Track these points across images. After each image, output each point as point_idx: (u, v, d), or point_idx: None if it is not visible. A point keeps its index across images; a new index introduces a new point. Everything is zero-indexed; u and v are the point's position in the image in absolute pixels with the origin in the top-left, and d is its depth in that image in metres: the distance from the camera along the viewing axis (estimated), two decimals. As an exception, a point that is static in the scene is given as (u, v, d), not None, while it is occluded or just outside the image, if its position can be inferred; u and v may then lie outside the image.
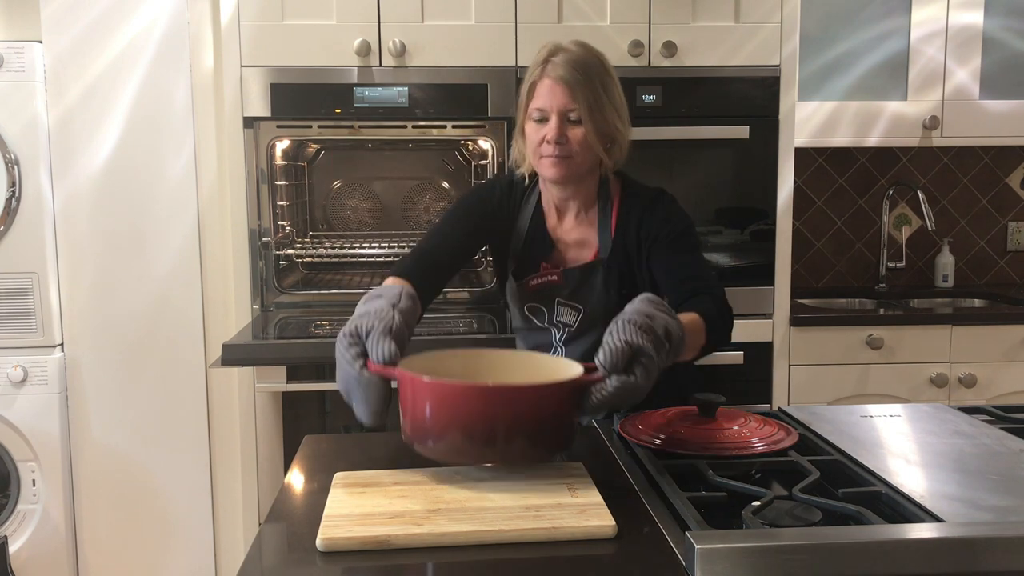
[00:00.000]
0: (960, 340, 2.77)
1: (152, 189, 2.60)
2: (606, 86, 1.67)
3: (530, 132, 1.68)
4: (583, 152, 1.66)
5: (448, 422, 1.19)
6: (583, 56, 1.66)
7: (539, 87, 1.66)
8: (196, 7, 2.57)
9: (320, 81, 2.53)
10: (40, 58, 2.52)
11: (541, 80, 1.65)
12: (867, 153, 3.33)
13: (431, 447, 1.21)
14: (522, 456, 1.24)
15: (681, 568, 0.98)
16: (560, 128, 1.64)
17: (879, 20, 2.97)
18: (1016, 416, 1.48)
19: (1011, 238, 3.43)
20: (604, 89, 1.66)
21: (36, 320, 2.56)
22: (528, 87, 1.68)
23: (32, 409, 2.56)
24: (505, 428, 1.18)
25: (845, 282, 3.40)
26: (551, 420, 1.21)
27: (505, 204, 1.79)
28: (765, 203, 2.67)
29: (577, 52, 1.66)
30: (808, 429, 1.40)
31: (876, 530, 0.99)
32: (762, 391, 2.70)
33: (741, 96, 2.63)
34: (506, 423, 1.18)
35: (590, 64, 1.66)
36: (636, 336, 1.24)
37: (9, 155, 2.50)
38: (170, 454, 2.66)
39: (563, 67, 1.63)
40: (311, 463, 1.39)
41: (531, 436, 1.20)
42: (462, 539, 1.05)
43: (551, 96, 1.64)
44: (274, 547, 1.09)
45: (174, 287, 2.62)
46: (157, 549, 2.69)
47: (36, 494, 2.59)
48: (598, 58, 1.68)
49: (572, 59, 1.65)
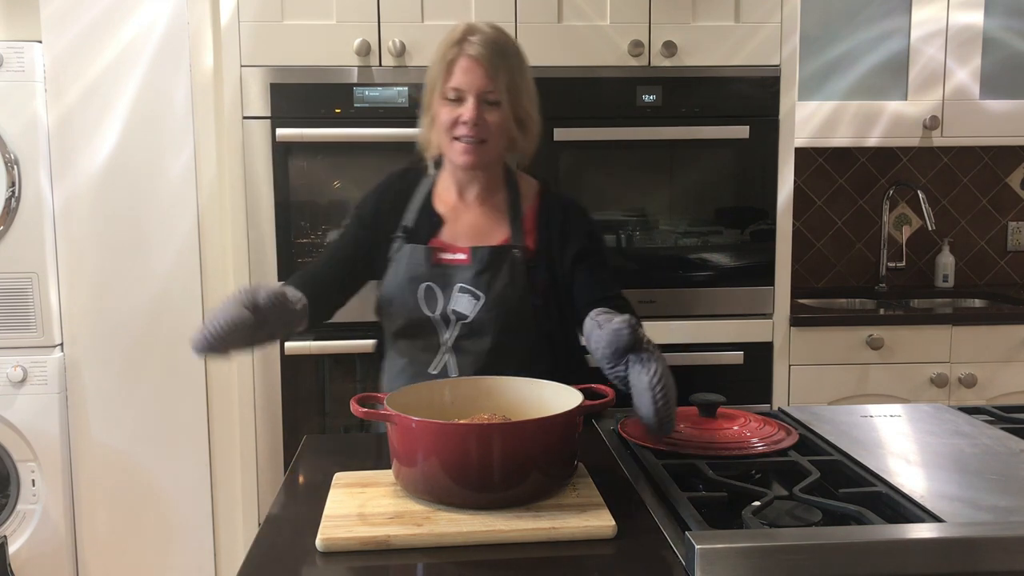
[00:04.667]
0: (960, 340, 2.77)
1: (152, 189, 2.59)
2: (522, 70, 1.63)
3: (443, 113, 1.60)
4: (497, 137, 1.60)
5: (465, 458, 1.12)
6: (501, 38, 1.62)
7: (456, 66, 1.58)
8: (196, 7, 2.57)
9: (320, 81, 2.53)
10: (40, 58, 2.52)
11: (459, 59, 1.58)
12: (867, 153, 3.33)
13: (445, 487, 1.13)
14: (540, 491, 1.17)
15: (681, 568, 0.98)
16: (477, 110, 1.57)
17: (879, 20, 2.97)
18: (1016, 416, 1.48)
19: (1011, 238, 3.42)
20: (520, 73, 1.62)
21: (36, 320, 2.56)
22: (444, 65, 1.59)
23: (32, 409, 2.56)
24: (525, 462, 1.13)
25: (845, 282, 3.40)
26: (565, 447, 1.18)
27: (392, 197, 1.72)
28: (765, 203, 2.67)
29: (494, 34, 1.61)
30: (808, 429, 1.40)
31: (876, 530, 0.99)
32: (762, 391, 2.70)
33: (741, 96, 2.63)
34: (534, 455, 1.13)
35: (508, 46, 1.62)
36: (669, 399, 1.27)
37: (9, 155, 2.50)
38: (170, 454, 2.66)
39: (482, 47, 1.57)
40: (311, 463, 1.39)
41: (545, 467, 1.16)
42: (462, 539, 1.05)
43: (469, 76, 1.57)
44: (274, 547, 1.09)
45: (174, 287, 2.62)
46: (157, 549, 2.68)
47: (36, 494, 2.59)
48: (514, 42, 1.65)
49: (491, 40, 1.59)
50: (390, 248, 1.68)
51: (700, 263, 2.67)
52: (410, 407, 1.20)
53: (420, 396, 1.29)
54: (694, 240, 2.67)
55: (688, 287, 2.66)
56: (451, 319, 1.63)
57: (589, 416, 1.55)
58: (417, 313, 1.64)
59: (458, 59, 1.57)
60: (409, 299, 1.64)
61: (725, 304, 2.67)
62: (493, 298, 1.62)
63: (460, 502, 1.12)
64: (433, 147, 1.67)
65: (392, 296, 1.66)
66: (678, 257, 2.67)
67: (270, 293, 1.41)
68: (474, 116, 1.56)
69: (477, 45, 1.57)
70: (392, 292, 1.66)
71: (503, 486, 1.12)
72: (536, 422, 1.15)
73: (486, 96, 1.57)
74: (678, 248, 2.67)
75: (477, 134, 1.58)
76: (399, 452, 1.17)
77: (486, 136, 1.59)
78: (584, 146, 2.61)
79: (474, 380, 1.38)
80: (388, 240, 1.69)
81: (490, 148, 1.61)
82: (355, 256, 1.71)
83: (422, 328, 1.65)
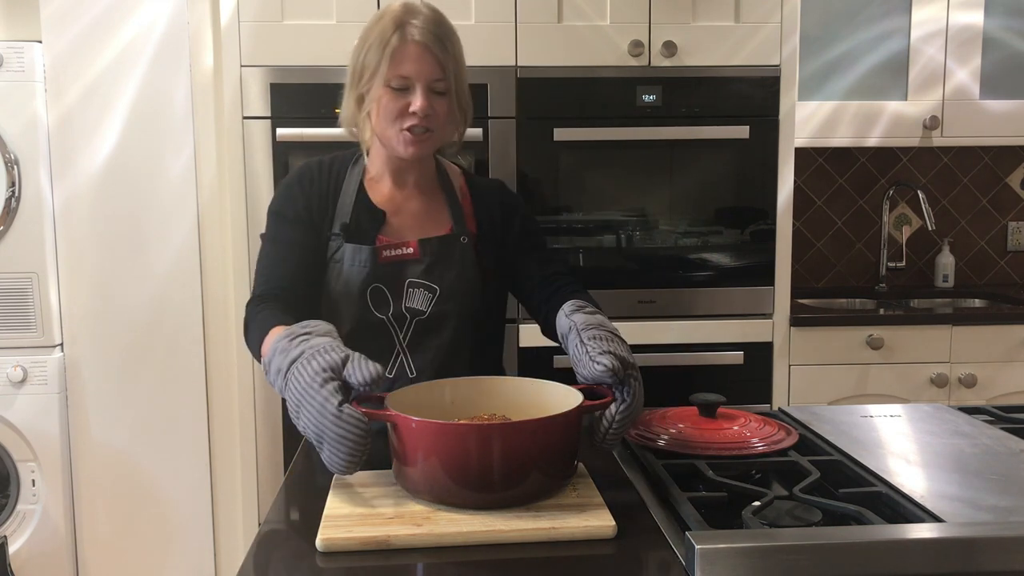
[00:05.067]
0: (960, 340, 2.77)
1: (152, 189, 2.60)
2: (461, 54, 1.54)
3: (386, 102, 1.49)
4: (444, 127, 1.53)
5: (465, 460, 1.11)
6: (440, 19, 1.52)
7: (402, 53, 1.47)
8: (196, 7, 2.57)
9: (320, 81, 2.53)
10: (40, 58, 2.52)
11: (404, 45, 1.47)
12: (867, 153, 3.33)
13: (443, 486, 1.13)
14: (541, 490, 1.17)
15: (681, 568, 0.97)
16: (427, 100, 1.48)
17: (879, 20, 2.97)
18: (1016, 416, 1.48)
19: (1011, 238, 3.42)
20: (461, 57, 1.54)
21: (36, 320, 2.56)
22: (386, 51, 1.47)
23: (32, 409, 2.56)
24: (524, 462, 1.13)
25: (845, 282, 3.40)
26: (566, 447, 1.19)
27: (319, 191, 1.58)
28: (765, 203, 2.67)
29: (433, 15, 1.51)
30: (808, 429, 1.40)
31: (876, 530, 0.99)
32: (762, 391, 2.70)
33: (741, 96, 2.63)
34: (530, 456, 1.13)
35: (449, 28, 1.52)
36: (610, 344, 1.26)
37: (9, 155, 2.50)
38: (170, 454, 2.66)
39: (427, 31, 1.48)
40: (311, 463, 1.39)
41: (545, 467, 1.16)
42: (462, 539, 1.05)
43: (417, 64, 1.47)
44: (274, 547, 1.09)
45: (174, 287, 2.62)
46: (157, 549, 2.68)
47: (36, 494, 2.59)
48: (450, 23, 1.54)
49: (432, 21, 1.49)
50: (327, 249, 1.56)
51: (700, 263, 2.67)
52: (410, 407, 1.20)
53: (420, 396, 1.29)
54: (694, 240, 2.67)
55: (688, 287, 2.66)
56: (405, 317, 1.56)
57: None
58: (367, 316, 1.55)
59: (404, 44, 1.47)
60: (357, 302, 1.54)
61: (725, 304, 2.67)
62: (447, 289, 1.56)
63: (460, 502, 1.12)
64: (367, 133, 1.56)
65: (337, 300, 1.55)
66: (678, 257, 2.67)
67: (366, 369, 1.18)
68: (424, 106, 1.47)
69: (423, 30, 1.47)
70: (337, 296, 1.55)
71: (503, 486, 1.12)
72: (536, 422, 1.15)
73: (434, 85, 1.49)
74: (678, 248, 2.67)
75: (428, 124, 1.50)
76: (399, 452, 1.17)
77: (433, 126, 1.51)
78: (584, 146, 2.61)
79: (475, 380, 1.37)
80: (322, 239, 1.56)
81: (436, 138, 1.54)
82: (313, 261, 1.56)
83: (373, 331, 1.55)
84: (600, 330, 1.33)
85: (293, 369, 1.18)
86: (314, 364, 1.16)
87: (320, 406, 1.13)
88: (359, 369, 1.15)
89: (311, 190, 1.58)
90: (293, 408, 1.18)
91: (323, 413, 1.12)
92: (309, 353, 1.18)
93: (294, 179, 1.60)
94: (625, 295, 2.63)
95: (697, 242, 2.67)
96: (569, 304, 1.44)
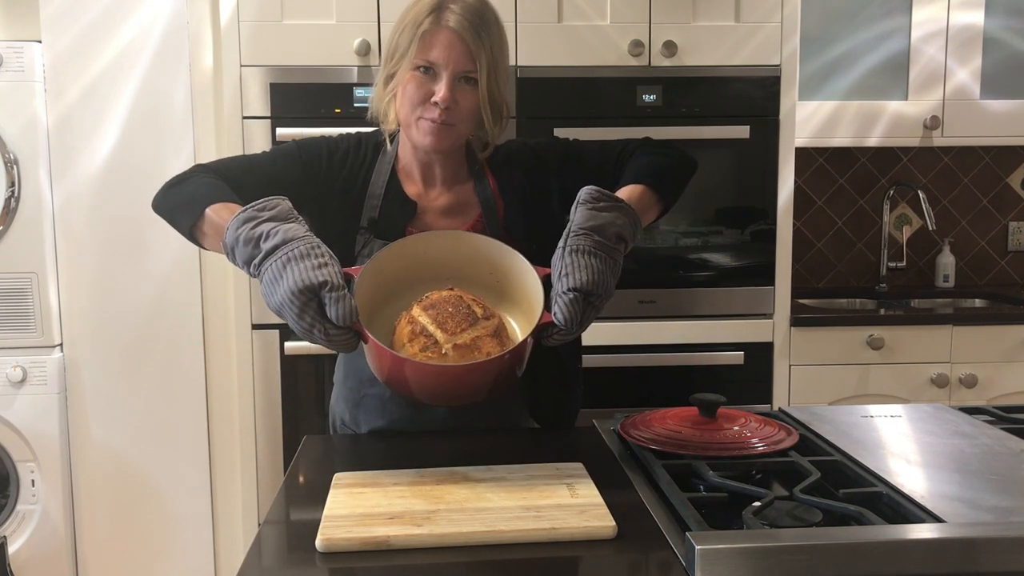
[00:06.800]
0: (961, 340, 2.77)
1: (152, 189, 2.55)
2: (502, 46, 1.45)
3: (410, 87, 1.40)
4: (469, 121, 1.44)
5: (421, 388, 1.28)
6: (484, 10, 1.42)
7: (433, 37, 1.38)
8: (196, 7, 2.57)
9: (320, 81, 2.53)
10: (39, 58, 2.52)
11: (437, 30, 1.38)
12: (868, 153, 3.33)
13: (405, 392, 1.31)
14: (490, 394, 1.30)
15: (681, 569, 0.97)
16: (451, 90, 1.39)
17: (879, 20, 2.97)
18: (1017, 416, 1.48)
19: (1012, 238, 3.42)
20: (501, 50, 1.44)
21: (35, 320, 2.55)
22: (419, 35, 1.39)
23: (31, 409, 2.56)
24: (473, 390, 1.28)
25: (845, 282, 3.40)
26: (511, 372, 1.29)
27: (345, 165, 1.51)
28: (765, 203, 2.67)
29: (477, 5, 1.42)
30: (808, 429, 1.40)
31: (876, 530, 0.99)
32: (762, 391, 2.70)
33: (741, 96, 2.63)
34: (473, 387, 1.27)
35: (491, 19, 1.43)
36: (585, 273, 1.22)
37: (8, 155, 2.50)
38: (170, 454, 2.66)
39: (464, 18, 1.38)
40: (311, 463, 1.39)
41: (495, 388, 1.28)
42: (462, 539, 1.05)
43: (447, 51, 1.38)
44: (274, 547, 1.09)
45: (174, 287, 2.61)
46: (157, 549, 2.68)
47: (35, 494, 2.58)
48: (494, 11, 1.44)
49: (474, 12, 1.40)
50: (353, 243, 1.49)
51: (700, 263, 2.67)
52: (386, 271, 1.30)
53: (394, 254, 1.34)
54: (694, 240, 2.67)
55: (688, 287, 2.66)
56: None
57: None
58: None
59: (437, 29, 1.39)
60: None
61: (725, 304, 2.67)
62: None
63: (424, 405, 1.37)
64: (391, 120, 1.49)
65: None
66: (678, 257, 2.66)
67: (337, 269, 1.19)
68: (447, 97, 1.38)
69: (459, 16, 1.38)
70: None
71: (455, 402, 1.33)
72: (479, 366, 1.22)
73: (464, 76, 1.40)
74: (678, 248, 2.67)
75: (448, 118, 1.40)
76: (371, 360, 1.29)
77: (456, 120, 1.41)
78: (584, 146, 2.61)
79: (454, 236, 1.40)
80: (342, 230, 1.48)
81: (458, 132, 1.44)
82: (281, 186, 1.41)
83: None
84: (588, 239, 1.24)
85: (267, 271, 1.19)
86: (289, 280, 1.15)
87: (305, 332, 1.17)
88: (334, 307, 1.15)
89: (341, 161, 1.52)
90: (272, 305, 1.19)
91: (309, 335, 1.18)
92: (282, 258, 1.18)
93: (334, 141, 1.54)
94: (625, 295, 2.63)
95: (697, 242, 2.67)
96: (586, 191, 1.31)
